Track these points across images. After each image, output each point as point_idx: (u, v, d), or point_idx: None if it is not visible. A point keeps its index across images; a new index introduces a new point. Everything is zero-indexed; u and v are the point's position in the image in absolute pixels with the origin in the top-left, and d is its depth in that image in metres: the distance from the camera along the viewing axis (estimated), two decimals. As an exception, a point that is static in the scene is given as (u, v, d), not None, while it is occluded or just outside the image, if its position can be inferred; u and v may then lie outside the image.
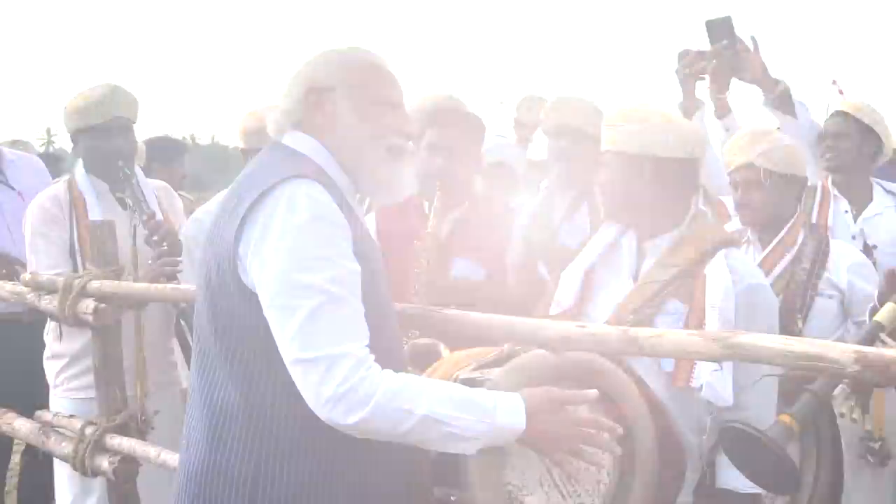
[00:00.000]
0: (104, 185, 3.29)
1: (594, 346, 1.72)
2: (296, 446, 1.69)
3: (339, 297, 1.62)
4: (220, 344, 1.73)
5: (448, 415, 1.62)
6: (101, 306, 2.80)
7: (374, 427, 1.60)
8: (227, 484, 1.70)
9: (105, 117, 3.19)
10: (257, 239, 1.65)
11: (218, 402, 1.73)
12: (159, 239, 3.11)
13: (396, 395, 1.60)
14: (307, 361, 1.59)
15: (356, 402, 1.58)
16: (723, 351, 1.53)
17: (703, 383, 2.11)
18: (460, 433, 1.62)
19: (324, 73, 1.84)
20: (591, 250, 2.45)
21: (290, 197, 1.66)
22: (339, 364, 1.58)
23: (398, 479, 1.82)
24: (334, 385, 1.57)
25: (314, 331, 1.60)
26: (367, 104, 1.83)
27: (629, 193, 2.33)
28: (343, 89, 1.82)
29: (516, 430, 1.66)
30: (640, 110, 2.32)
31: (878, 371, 1.36)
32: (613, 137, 2.32)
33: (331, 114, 1.82)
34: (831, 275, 2.82)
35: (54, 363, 3.28)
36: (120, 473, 2.82)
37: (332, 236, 1.66)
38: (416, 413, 1.60)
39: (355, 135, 1.82)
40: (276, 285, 1.62)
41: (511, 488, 1.75)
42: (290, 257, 1.62)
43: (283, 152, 1.83)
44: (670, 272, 2.24)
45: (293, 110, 1.85)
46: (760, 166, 2.82)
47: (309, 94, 1.83)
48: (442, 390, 1.68)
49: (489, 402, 1.66)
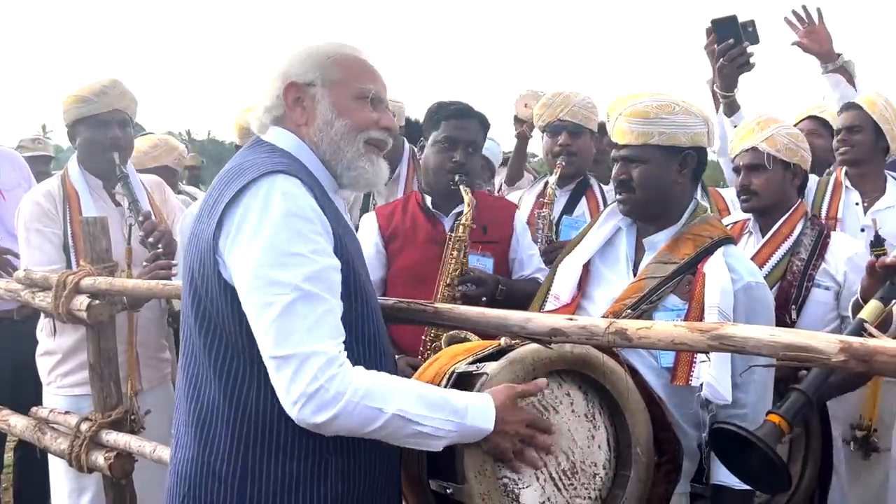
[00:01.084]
0: (97, 180, 3.31)
1: (584, 337, 1.73)
2: (283, 443, 1.70)
3: (312, 294, 1.63)
4: (204, 342, 1.73)
5: (418, 414, 1.64)
6: (95, 303, 2.81)
7: (343, 425, 1.62)
8: (216, 482, 1.72)
9: (105, 108, 3.22)
10: (234, 235, 1.67)
11: (204, 400, 1.74)
12: (154, 241, 3.12)
13: (367, 393, 1.62)
14: (279, 359, 1.61)
15: (326, 402, 1.59)
16: (710, 342, 1.54)
17: (703, 382, 2.13)
18: (430, 432, 1.65)
19: (302, 68, 1.85)
20: (588, 244, 2.44)
21: (267, 193, 1.67)
22: (310, 362, 1.59)
23: (386, 474, 1.84)
24: (304, 384, 1.59)
25: (286, 328, 1.61)
26: (347, 98, 1.85)
27: (662, 188, 2.33)
28: (322, 84, 1.84)
29: (483, 432, 1.69)
30: (668, 101, 2.29)
31: (863, 360, 1.37)
32: (650, 131, 2.27)
33: (310, 109, 1.84)
34: (829, 266, 2.82)
35: (47, 360, 3.29)
36: (116, 469, 2.84)
37: (308, 232, 1.67)
38: (387, 412, 1.62)
39: (334, 129, 1.84)
40: (251, 281, 1.63)
41: (506, 481, 1.77)
42: (264, 253, 1.63)
43: (262, 148, 1.84)
44: (669, 269, 2.25)
45: (273, 106, 1.86)
46: (764, 150, 2.85)
47: (288, 90, 1.84)
48: (413, 389, 1.69)
49: (460, 403, 1.68)
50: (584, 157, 3.68)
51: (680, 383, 2.16)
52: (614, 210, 2.46)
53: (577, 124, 3.60)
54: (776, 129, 2.87)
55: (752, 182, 2.87)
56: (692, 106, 2.33)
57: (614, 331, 1.67)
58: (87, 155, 3.30)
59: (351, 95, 1.85)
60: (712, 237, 2.30)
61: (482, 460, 1.73)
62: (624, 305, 2.23)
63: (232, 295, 1.68)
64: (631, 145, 2.29)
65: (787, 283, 2.80)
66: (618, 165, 2.34)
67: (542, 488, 1.81)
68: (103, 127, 3.24)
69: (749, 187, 2.88)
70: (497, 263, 3.06)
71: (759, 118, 2.93)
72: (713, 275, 2.20)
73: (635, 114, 2.27)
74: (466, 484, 1.72)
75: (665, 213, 2.36)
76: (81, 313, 2.82)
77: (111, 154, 3.22)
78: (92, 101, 3.22)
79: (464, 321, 1.98)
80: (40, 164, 5.59)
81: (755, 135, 2.87)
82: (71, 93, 3.26)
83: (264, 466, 1.70)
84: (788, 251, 2.84)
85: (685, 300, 2.22)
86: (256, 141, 1.88)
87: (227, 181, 1.74)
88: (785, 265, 2.83)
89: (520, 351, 1.83)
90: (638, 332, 1.64)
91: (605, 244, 2.42)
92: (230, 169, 1.79)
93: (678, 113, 2.27)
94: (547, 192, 3.59)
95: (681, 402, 2.23)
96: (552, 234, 3.51)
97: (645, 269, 2.29)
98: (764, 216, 2.93)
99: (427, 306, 2.04)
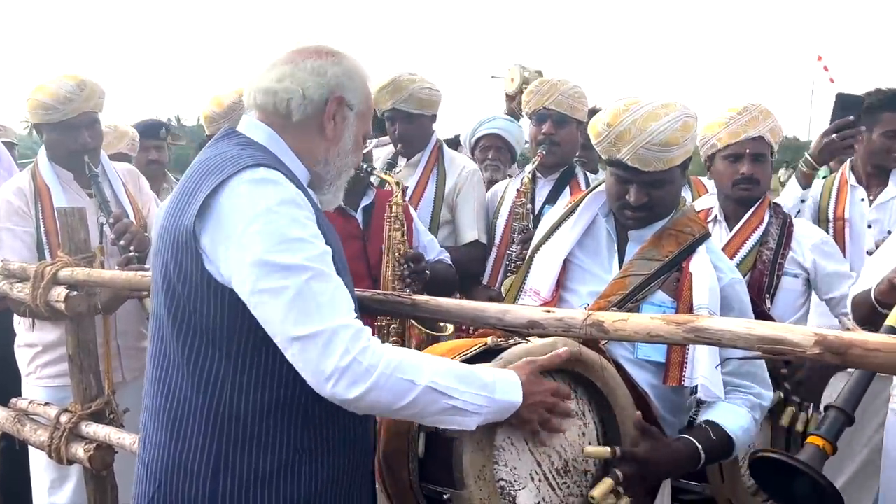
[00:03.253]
0: (68, 173, 3.25)
1: (561, 330, 1.72)
2: (255, 438, 1.68)
3: (323, 272, 1.62)
4: (177, 337, 1.71)
5: (450, 387, 1.62)
6: (73, 294, 2.78)
7: (377, 398, 1.59)
8: (187, 477, 1.70)
9: (72, 114, 3.15)
10: (222, 229, 1.63)
11: (176, 395, 1.72)
12: (125, 244, 3.08)
13: (399, 366, 1.60)
14: (304, 339, 1.57)
15: (360, 374, 1.56)
16: (685, 335, 1.54)
17: (697, 385, 2.11)
18: (462, 406, 1.63)
19: (352, 87, 1.84)
20: (567, 237, 2.38)
21: (252, 184, 1.64)
22: (339, 336, 1.57)
23: (358, 465, 1.83)
24: (336, 358, 1.56)
25: (306, 307, 1.58)
26: (360, 135, 1.89)
27: (677, 198, 2.33)
28: (356, 113, 1.86)
29: (513, 406, 1.69)
30: (686, 120, 2.20)
31: (837, 353, 1.37)
32: (675, 156, 2.19)
33: (339, 130, 1.84)
34: (796, 254, 2.88)
35: (27, 351, 3.26)
36: (95, 461, 2.81)
37: (301, 217, 1.65)
38: (419, 384, 1.60)
39: (347, 160, 1.88)
40: (256, 270, 1.59)
41: (503, 483, 1.76)
42: (263, 241, 1.60)
43: (237, 139, 1.80)
44: (653, 266, 2.23)
45: (310, 103, 1.80)
46: (769, 141, 2.86)
47: (336, 101, 1.82)
48: (442, 363, 1.68)
49: (488, 377, 1.68)
50: (568, 147, 3.65)
51: (672, 384, 2.15)
52: (593, 201, 2.41)
53: (563, 114, 3.58)
54: (774, 120, 2.89)
55: (757, 171, 2.87)
56: (690, 109, 2.26)
57: (591, 323, 1.67)
58: (55, 154, 3.24)
59: (362, 134, 1.90)
60: (694, 233, 2.28)
61: (482, 464, 1.71)
62: (609, 303, 2.20)
63: (216, 290, 1.65)
64: (657, 171, 2.20)
65: (758, 272, 2.83)
66: (635, 189, 2.22)
67: (538, 489, 1.80)
68: (72, 131, 3.17)
69: (755, 176, 2.87)
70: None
71: (760, 106, 2.90)
72: (700, 275, 2.19)
73: (663, 143, 2.16)
74: (466, 489, 1.70)
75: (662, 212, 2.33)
76: (59, 304, 2.79)
77: (81, 157, 3.18)
78: (57, 109, 3.14)
79: (442, 313, 1.97)
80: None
81: (760, 123, 2.86)
82: (33, 94, 3.17)
83: (237, 462, 1.68)
84: (758, 241, 2.87)
85: (673, 298, 2.21)
86: (229, 131, 1.84)
87: (203, 173, 1.71)
88: (755, 255, 2.85)
89: (513, 351, 1.82)
90: (614, 325, 1.64)
91: (583, 234, 2.38)
92: (205, 160, 1.75)
93: (693, 128, 2.23)
94: (524, 182, 3.59)
95: (661, 394, 2.22)
96: (528, 223, 3.50)
97: (629, 265, 2.26)
98: (742, 205, 2.94)
99: (405, 298, 2.03)
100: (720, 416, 2.13)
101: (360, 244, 3.00)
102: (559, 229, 2.44)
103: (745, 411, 2.17)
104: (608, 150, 2.22)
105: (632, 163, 2.18)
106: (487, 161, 4.13)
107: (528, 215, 3.53)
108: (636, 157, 2.17)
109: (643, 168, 2.18)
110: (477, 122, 4.24)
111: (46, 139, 3.23)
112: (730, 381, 2.19)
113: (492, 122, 4.21)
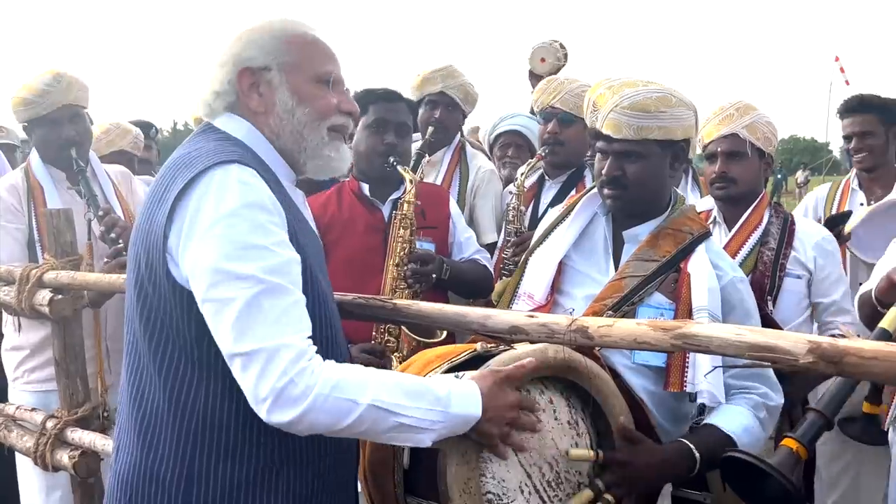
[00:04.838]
0: (60, 173, 3.24)
1: (545, 335, 1.65)
2: (228, 447, 1.62)
3: (276, 286, 1.53)
4: (149, 343, 1.64)
5: (397, 403, 1.53)
6: (58, 297, 2.74)
7: (315, 420, 1.51)
8: (158, 488, 1.63)
9: (52, 107, 3.12)
10: (186, 229, 1.56)
11: (148, 404, 1.65)
12: (115, 237, 3.04)
13: (338, 384, 1.51)
14: (244, 355, 1.50)
15: (295, 397, 1.49)
16: (673, 341, 1.46)
17: (699, 391, 2.04)
18: (412, 423, 1.54)
19: (256, 51, 1.72)
20: (562, 239, 2.31)
21: (221, 183, 1.57)
22: (279, 356, 1.49)
23: (340, 477, 1.76)
24: (273, 380, 1.48)
25: (251, 323, 1.50)
26: (306, 83, 1.73)
27: (656, 183, 2.22)
28: (278, 69, 1.72)
29: (472, 419, 1.58)
30: (665, 94, 2.16)
31: (832, 362, 1.28)
32: (649, 125, 2.13)
33: (268, 96, 1.72)
34: (798, 254, 2.79)
35: (13, 355, 3.21)
36: (80, 468, 2.77)
37: (266, 223, 1.57)
38: (361, 402, 1.51)
39: (296, 118, 1.72)
40: (209, 276, 1.52)
41: (491, 497, 1.67)
42: (221, 246, 1.52)
43: (214, 135, 1.73)
44: (650, 267, 2.15)
45: (225, 92, 1.74)
46: (745, 138, 2.77)
47: (242, 76, 1.72)
48: (389, 379, 1.59)
49: (443, 391, 1.57)
50: (574, 147, 3.55)
51: (674, 389, 2.07)
52: (590, 201, 2.33)
53: (569, 113, 3.48)
54: (756, 116, 2.80)
55: (730, 169, 2.80)
56: (683, 95, 2.22)
57: (575, 328, 1.60)
58: (44, 152, 3.23)
59: (310, 80, 1.73)
60: (692, 232, 2.20)
61: (467, 476, 1.63)
62: (604, 306, 2.12)
63: (181, 295, 1.58)
64: (628, 140, 2.14)
65: (759, 273, 2.74)
66: (609, 160, 2.18)
67: (528, 501, 1.71)
68: (55, 125, 3.15)
69: (727, 174, 2.80)
70: (437, 247, 3.02)
71: (738, 104, 2.84)
72: (698, 275, 2.11)
73: (634, 107, 2.12)
74: (450, 502, 1.62)
75: (651, 208, 2.25)
76: (44, 308, 2.75)
77: (67, 151, 3.15)
78: (36, 103, 3.12)
79: (423, 317, 1.90)
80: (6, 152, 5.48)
81: (735, 121, 2.79)
82: (14, 93, 3.16)
83: (211, 472, 1.61)
84: (758, 241, 2.79)
85: (672, 299, 2.12)
86: (207, 127, 1.77)
87: (175, 170, 1.64)
88: (756, 256, 2.77)
89: (501, 357, 1.73)
90: (599, 331, 1.56)
91: (579, 235, 2.30)
92: (179, 157, 1.69)
93: (675, 105, 2.15)
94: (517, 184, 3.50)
95: (659, 401, 2.13)
96: (521, 225, 3.41)
97: (625, 267, 2.18)
98: (735, 206, 2.86)
99: (386, 302, 1.96)
100: (717, 417, 2.06)
101: (380, 237, 2.94)
102: (555, 231, 2.37)
103: (746, 410, 2.09)
104: (591, 121, 2.21)
105: (605, 130, 2.16)
106: (507, 159, 4.04)
107: (522, 218, 3.44)
108: (608, 121, 2.15)
109: (615, 135, 2.14)
110: (497, 118, 4.15)
111: (35, 138, 3.22)
112: (733, 383, 2.12)
113: (512, 119, 4.10)
